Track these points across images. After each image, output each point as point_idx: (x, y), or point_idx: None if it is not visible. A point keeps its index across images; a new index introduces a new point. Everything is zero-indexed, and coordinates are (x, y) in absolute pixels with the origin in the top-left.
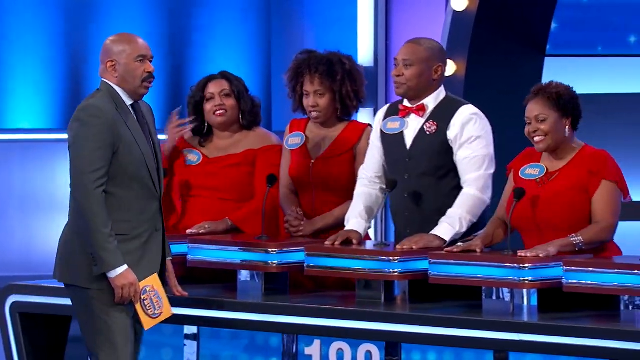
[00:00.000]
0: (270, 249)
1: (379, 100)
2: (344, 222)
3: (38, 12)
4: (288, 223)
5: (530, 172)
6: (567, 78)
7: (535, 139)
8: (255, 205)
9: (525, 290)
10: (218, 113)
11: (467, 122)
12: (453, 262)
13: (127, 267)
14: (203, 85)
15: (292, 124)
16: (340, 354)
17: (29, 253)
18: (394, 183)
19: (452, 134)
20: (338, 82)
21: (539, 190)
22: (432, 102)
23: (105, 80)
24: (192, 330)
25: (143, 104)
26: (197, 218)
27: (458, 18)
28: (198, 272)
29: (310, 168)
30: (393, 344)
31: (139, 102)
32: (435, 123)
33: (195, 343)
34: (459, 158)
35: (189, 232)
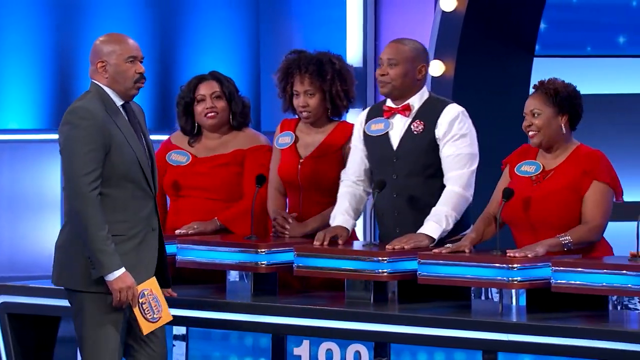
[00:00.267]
0: (260, 250)
1: (368, 101)
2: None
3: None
4: (276, 223)
5: (526, 169)
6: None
7: (529, 134)
8: (244, 206)
9: (514, 291)
10: (209, 116)
11: (454, 119)
12: (442, 262)
13: (124, 270)
14: (194, 87)
15: (282, 124)
16: (329, 354)
17: (18, 254)
18: (383, 183)
19: (440, 132)
20: (328, 81)
21: (534, 189)
22: (417, 101)
23: (95, 82)
24: (180, 331)
25: (134, 104)
26: (185, 218)
27: (447, 18)
28: (187, 272)
29: (299, 167)
30: (382, 344)
31: (132, 103)
32: (422, 122)
33: (184, 344)
34: (443, 155)
35: (178, 232)
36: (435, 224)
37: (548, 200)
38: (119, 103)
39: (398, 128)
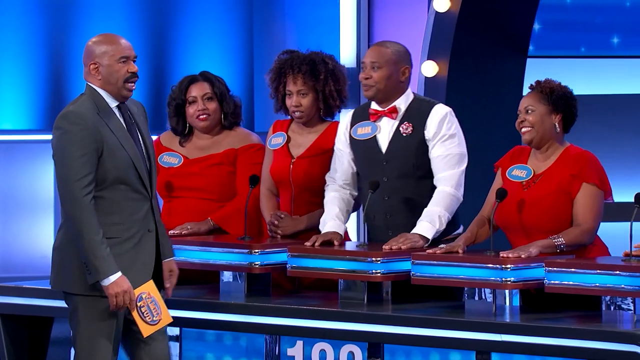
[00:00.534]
0: (253, 250)
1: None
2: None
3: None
4: (271, 224)
5: (517, 173)
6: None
7: (522, 130)
8: (238, 206)
9: (508, 291)
10: (201, 118)
11: (442, 120)
12: (435, 262)
13: (120, 274)
14: (185, 88)
15: (275, 125)
16: (323, 355)
17: (11, 254)
18: (377, 184)
19: (429, 134)
20: (321, 81)
21: (524, 194)
22: (403, 103)
23: (89, 83)
24: (174, 332)
25: (134, 104)
26: (179, 219)
27: (440, 19)
28: (180, 273)
29: (291, 167)
30: (375, 345)
31: (130, 102)
32: (411, 124)
33: (178, 344)
34: (433, 155)
35: (171, 233)
36: (429, 224)
37: (538, 205)
38: (113, 104)
39: (386, 131)
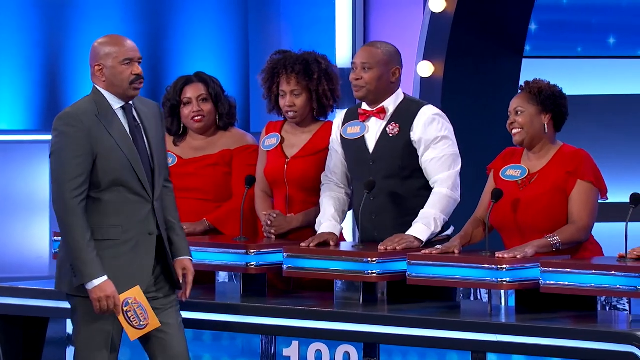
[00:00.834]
0: (249, 251)
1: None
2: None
3: (16, 13)
4: (266, 225)
5: (511, 173)
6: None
7: (513, 131)
8: (233, 206)
9: (503, 291)
10: (196, 119)
11: (429, 123)
12: (431, 263)
13: (106, 278)
14: (180, 89)
15: (268, 126)
16: (319, 355)
17: (6, 255)
18: (372, 184)
19: (415, 136)
20: (314, 81)
21: (519, 193)
22: (391, 104)
23: (95, 85)
24: None
25: (147, 105)
26: None
27: (436, 19)
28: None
29: (285, 168)
30: (371, 345)
31: (143, 103)
32: (398, 125)
33: None
34: (426, 159)
35: None
36: (424, 227)
37: (535, 204)
38: (118, 105)
39: (374, 131)
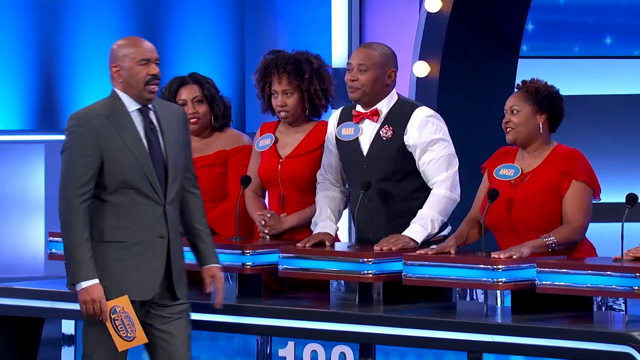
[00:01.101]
0: (245, 251)
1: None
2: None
3: (11, 13)
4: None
5: (505, 172)
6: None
7: (507, 130)
8: (229, 207)
9: (499, 292)
10: (192, 122)
11: (423, 125)
12: (427, 263)
13: (96, 282)
14: (174, 91)
15: (262, 127)
16: (314, 356)
17: (2, 255)
18: (368, 184)
19: (410, 140)
20: (306, 81)
21: (513, 192)
22: (385, 106)
23: (113, 87)
24: None
25: (170, 110)
26: None
27: (432, 19)
28: None
29: (279, 167)
30: (367, 346)
31: (166, 107)
32: (391, 128)
33: None
34: (423, 162)
35: None
36: (421, 227)
37: (528, 203)
38: (134, 108)
39: (367, 133)
